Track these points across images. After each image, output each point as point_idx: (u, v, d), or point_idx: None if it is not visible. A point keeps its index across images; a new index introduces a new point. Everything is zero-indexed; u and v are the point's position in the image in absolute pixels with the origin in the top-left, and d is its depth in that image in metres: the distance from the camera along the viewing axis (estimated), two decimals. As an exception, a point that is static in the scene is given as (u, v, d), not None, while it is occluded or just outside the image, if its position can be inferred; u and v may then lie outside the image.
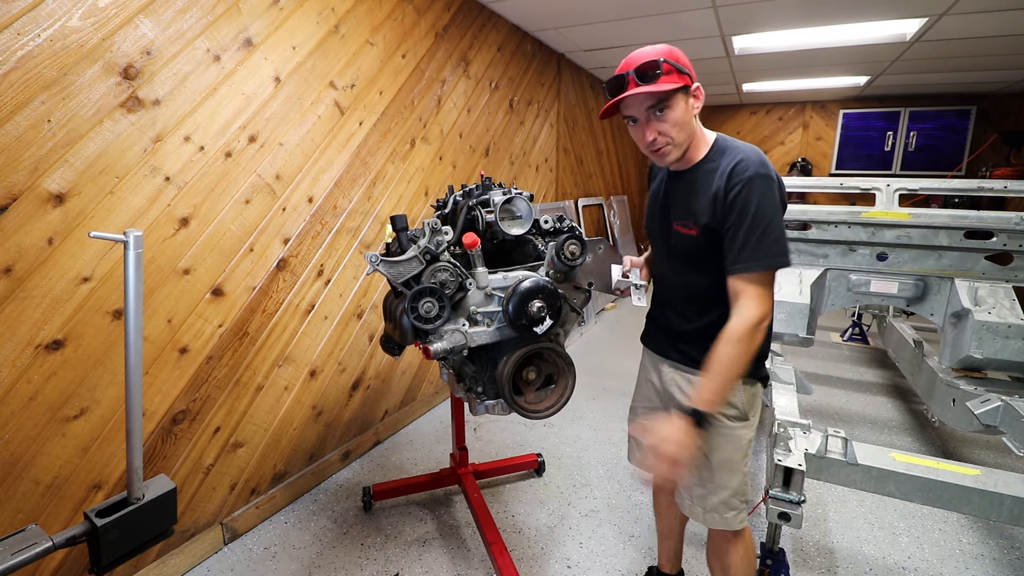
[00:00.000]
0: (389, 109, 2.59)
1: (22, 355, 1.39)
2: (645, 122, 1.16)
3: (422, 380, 3.11)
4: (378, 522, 2.15)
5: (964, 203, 5.03)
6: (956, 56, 4.16)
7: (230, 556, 1.95)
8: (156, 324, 1.69)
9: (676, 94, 1.12)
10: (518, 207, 1.55)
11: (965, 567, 1.93)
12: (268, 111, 1.98)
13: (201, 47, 1.72)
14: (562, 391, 1.49)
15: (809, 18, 3.43)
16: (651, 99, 1.12)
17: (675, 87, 1.11)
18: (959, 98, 5.64)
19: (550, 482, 2.45)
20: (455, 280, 1.39)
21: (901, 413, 3.27)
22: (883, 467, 1.56)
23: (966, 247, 2.39)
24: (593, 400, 3.36)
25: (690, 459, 1.11)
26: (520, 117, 3.94)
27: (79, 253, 1.47)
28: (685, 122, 1.16)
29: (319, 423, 2.39)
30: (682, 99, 1.14)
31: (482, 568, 1.90)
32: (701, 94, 1.19)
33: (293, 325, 2.20)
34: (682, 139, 1.17)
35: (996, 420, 2.07)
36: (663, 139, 1.16)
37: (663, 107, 1.12)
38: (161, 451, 1.76)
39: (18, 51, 1.31)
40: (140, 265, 0.88)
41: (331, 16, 2.20)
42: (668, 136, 1.15)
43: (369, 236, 2.56)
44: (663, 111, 1.13)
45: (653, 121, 1.14)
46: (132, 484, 0.93)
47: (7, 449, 1.38)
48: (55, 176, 1.40)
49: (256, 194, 1.97)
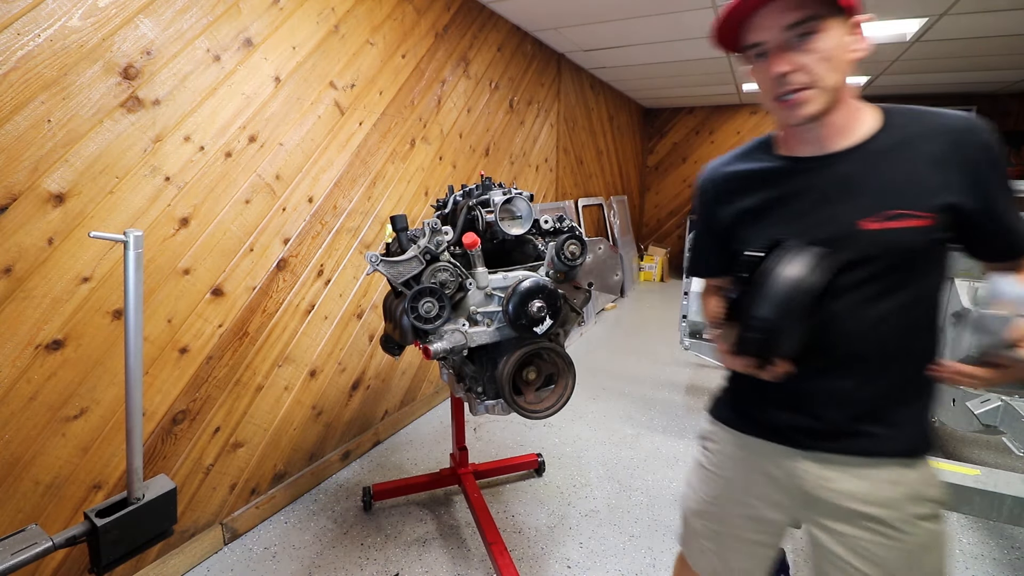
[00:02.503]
0: (389, 109, 2.59)
1: (22, 355, 1.39)
2: (779, 50, 0.78)
3: (422, 380, 3.11)
4: (378, 522, 2.15)
5: (964, 203, 5.02)
6: (956, 56, 4.16)
7: (230, 556, 1.95)
8: (156, 324, 1.69)
9: (833, 17, 0.76)
10: (518, 207, 1.55)
11: (965, 567, 1.93)
12: (268, 111, 1.98)
13: (201, 47, 1.72)
14: (562, 391, 1.49)
15: (809, 18, 3.42)
16: (795, 11, 0.76)
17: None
18: (959, 98, 5.64)
19: (550, 482, 2.45)
20: (455, 280, 1.39)
21: (901, 413, 3.26)
22: (883, 467, 1.55)
23: (966, 247, 2.39)
24: (593, 400, 3.36)
25: None
26: (520, 117, 3.94)
27: (79, 253, 1.47)
28: (839, 60, 0.78)
29: (319, 423, 2.39)
30: (839, 26, 0.77)
31: (482, 568, 1.90)
32: (865, 38, 0.81)
33: (293, 325, 2.20)
34: (831, 83, 0.78)
35: (996, 420, 2.07)
36: (803, 76, 0.77)
37: (812, 29, 0.76)
38: (161, 451, 1.76)
39: (18, 51, 1.31)
40: (140, 265, 0.88)
41: (331, 16, 2.20)
42: (812, 73, 0.77)
43: (369, 236, 2.56)
44: (809, 36, 0.76)
45: (792, 51, 0.77)
46: (132, 484, 0.93)
47: (7, 449, 1.38)
48: (55, 176, 1.40)
49: (256, 194, 1.97)
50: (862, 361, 0.86)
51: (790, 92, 0.79)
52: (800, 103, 0.79)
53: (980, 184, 0.79)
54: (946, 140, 0.80)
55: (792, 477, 0.93)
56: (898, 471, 0.87)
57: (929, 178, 0.80)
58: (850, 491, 0.88)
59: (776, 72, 0.78)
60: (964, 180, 0.79)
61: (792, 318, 0.74)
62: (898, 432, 0.87)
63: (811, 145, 0.87)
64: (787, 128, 0.89)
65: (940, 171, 0.79)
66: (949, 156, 0.79)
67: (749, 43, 0.81)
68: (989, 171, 0.80)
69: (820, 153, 0.86)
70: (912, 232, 0.79)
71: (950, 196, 0.79)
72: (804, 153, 0.88)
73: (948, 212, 0.79)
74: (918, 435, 0.89)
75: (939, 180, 0.79)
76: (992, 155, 0.80)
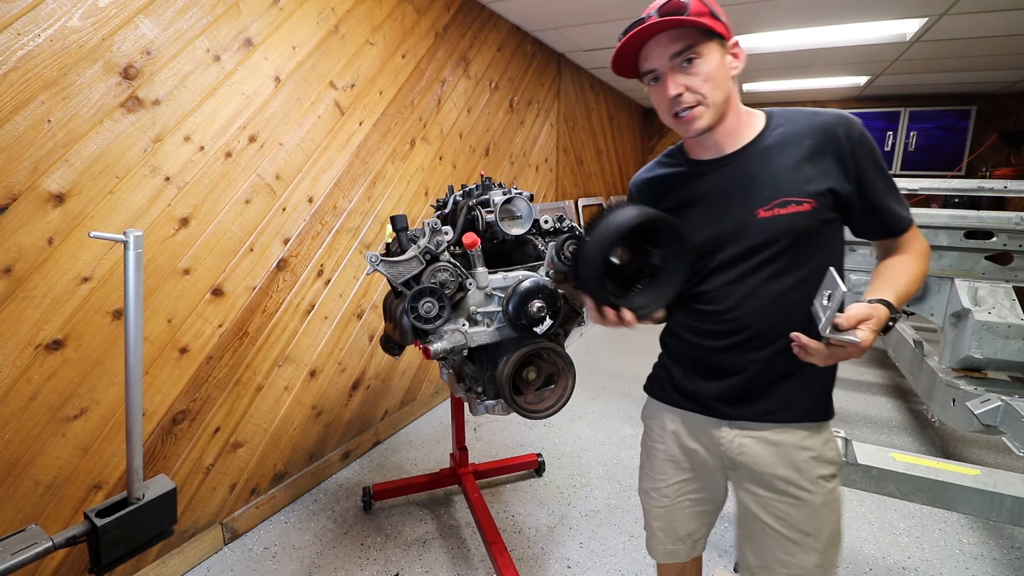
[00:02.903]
0: (389, 109, 2.59)
1: (22, 355, 1.39)
2: (669, 75, 0.91)
3: (422, 380, 3.11)
4: (378, 522, 2.15)
5: (964, 203, 5.02)
6: (956, 56, 4.16)
7: (230, 556, 1.95)
8: (156, 324, 1.69)
9: (709, 41, 0.90)
10: (518, 207, 1.55)
11: (965, 567, 1.93)
12: (268, 111, 1.98)
13: (201, 47, 1.72)
14: (562, 391, 1.49)
15: (809, 18, 3.43)
16: (676, 43, 0.89)
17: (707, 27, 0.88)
18: (959, 98, 5.64)
19: (550, 482, 2.45)
20: (455, 280, 1.39)
21: (901, 413, 3.27)
22: (883, 467, 1.56)
23: (966, 247, 2.39)
24: (593, 400, 3.36)
25: None
26: (520, 117, 3.94)
27: (79, 253, 1.47)
28: (720, 79, 0.91)
29: (319, 423, 2.39)
30: (717, 49, 0.91)
31: (482, 568, 1.90)
32: (742, 54, 0.95)
33: (293, 325, 2.20)
34: (717, 99, 0.91)
35: (996, 420, 2.07)
36: (692, 96, 0.90)
37: (692, 55, 0.89)
38: (161, 451, 1.76)
39: (18, 51, 1.31)
40: (140, 265, 0.88)
41: (331, 16, 2.20)
42: (698, 93, 0.90)
43: (369, 236, 2.56)
44: (692, 61, 0.89)
45: (679, 73, 0.90)
46: (132, 484, 0.93)
47: (7, 449, 1.38)
48: (55, 176, 1.40)
49: (256, 194, 1.97)
50: (770, 333, 0.97)
51: (684, 110, 0.92)
52: (693, 119, 0.93)
53: (853, 170, 0.92)
54: (822, 134, 0.92)
55: (717, 445, 1.06)
56: (803, 436, 1.00)
57: (809, 168, 0.92)
58: (763, 456, 1.01)
59: (669, 95, 0.91)
60: (839, 168, 0.92)
61: (594, 250, 0.91)
62: (802, 399, 1.00)
63: (710, 149, 1.00)
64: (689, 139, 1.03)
65: (818, 161, 0.92)
66: (825, 148, 0.92)
67: (645, 70, 0.95)
68: (861, 159, 0.92)
69: (718, 156, 0.99)
70: (800, 216, 0.91)
71: (828, 182, 0.92)
72: (706, 157, 1.02)
73: (828, 196, 0.92)
74: (820, 402, 1.03)
75: (817, 169, 0.92)
76: (863, 145, 0.92)
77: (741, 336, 0.98)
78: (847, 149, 0.91)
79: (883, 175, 0.94)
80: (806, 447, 0.99)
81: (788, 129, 0.95)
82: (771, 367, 0.98)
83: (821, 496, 0.98)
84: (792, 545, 0.99)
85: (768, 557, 1.02)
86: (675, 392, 1.11)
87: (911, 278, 0.92)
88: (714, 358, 1.02)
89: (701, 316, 1.02)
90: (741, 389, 1.01)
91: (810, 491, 0.98)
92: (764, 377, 0.99)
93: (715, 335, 1.01)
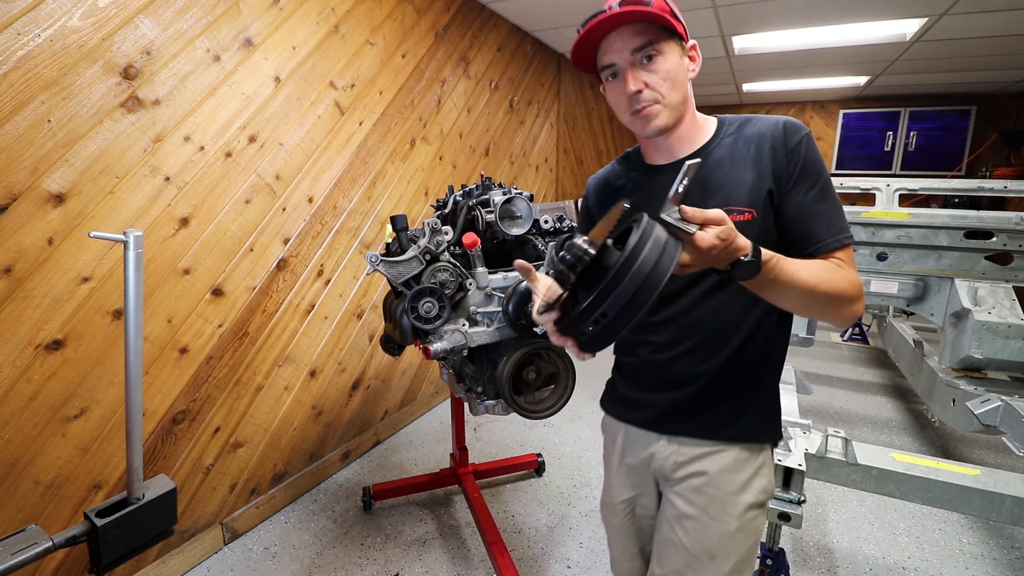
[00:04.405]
0: (389, 109, 2.59)
1: (22, 355, 1.39)
2: (629, 70, 0.89)
3: (422, 380, 3.11)
4: (378, 522, 2.15)
5: (964, 203, 5.03)
6: (956, 56, 4.16)
7: (230, 556, 1.95)
8: (156, 324, 1.69)
9: (669, 40, 0.89)
10: (518, 207, 1.55)
11: (965, 567, 1.93)
12: (268, 111, 1.98)
13: (201, 47, 1.72)
14: (562, 391, 1.49)
15: (809, 18, 3.43)
16: (638, 37, 0.88)
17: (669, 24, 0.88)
18: (959, 98, 5.63)
19: (550, 482, 2.45)
20: (455, 280, 1.39)
21: (901, 413, 3.27)
22: (883, 467, 1.56)
23: (966, 247, 2.39)
24: (593, 400, 3.35)
25: None
26: (520, 117, 3.94)
27: (79, 253, 1.47)
28: (679, 79, 0.90)
29: (319, 423, 2.39)
30: (677, 49, 0.90)
31: (482, 568, 1.90)
32: (698, 57, 0.94)
33: (293, 325, 2.20)
34: (675, 100, 0.91)
35: (996, 420, 2.07)
36: (651, 93, 0.89)
37: (653, 52, 0.88)
38: (161, 451, 1.76)
39: (18, 51, 1.31)
40: (140, 265, 0.88)
41: (331, 16, 2.20)
42: (657, 91, 0.89)
43: (369, 236, 2.56)
44: (652, 58, 0.88)
45: (639, 69, 0.89)
46: (132, 484, 0.93)
47: (7, 449, 1.38)
48: (55, 176, 1.40)
49: (256, 194, 1.97)
50: (715, 343, 0.95)
51: (641, 107, 0.90)
52: (650, 116, 0.91)
53: (787, 175, 0.89)
54: (762, 142, 0.91)
55: (656, 459, 1.03)
56: (739, 458, 0.97)
57: (749, 176, 0.91)
58: (692, 471, 0.98)
59: (629, 90, 0.89)
60: (774, 174, 0.89)
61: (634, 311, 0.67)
62: (744, 418, 0.96)
63: (663, 153, 0.98)
64: (644, 141, 1.01)
65: (757, 169, 0.90)
66: (764, 155, 0.90)
67: (604, 64, 0.92)
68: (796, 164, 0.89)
69: (671, 160, 0.98)
70: (741, 226, 0.81)
71: (765, 189, 0.89)
72: (660, 161, 1.00)
73: (768, 204, 0.90)
74: (762, 424, 0.99)
75: (756, 176, 0.90)
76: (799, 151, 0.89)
77: (685, 346, 0.96)
78: (783, 155, 0.89)
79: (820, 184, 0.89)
80: (738, 469, 0.96)
81: (736, 137, 0.94)
82: (717, 380, 0.96)
83: (738, 522, 0.95)
84: (696, 563, 0.96)
85: (670, 570, 0.99)
86: (620, 405, 1.11)
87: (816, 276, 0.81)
88: (660, 369, 1.01)
89: (647, 326, 1.01)
90: (684, 403, 0.98)
91: (728, 514, 0.95)
92: (709, 391, 0.96)
93: (660, 346, 0.99)
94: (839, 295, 0.83)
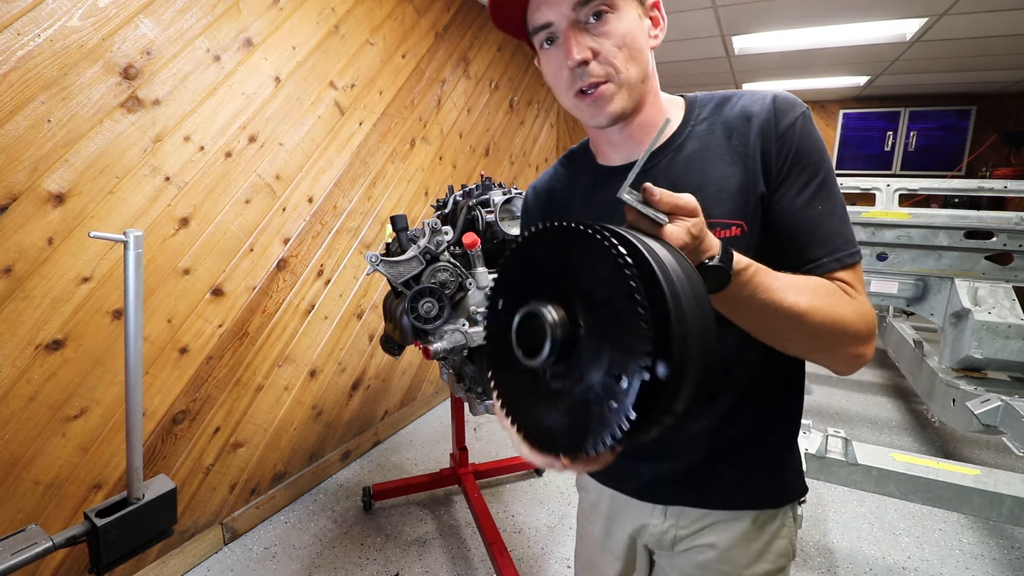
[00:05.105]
0: (389, 109, 2.59)
1: (22, 355, 1.39)
2: (571, 32, 0.63)
3: (422, 380, 3.11)
4: (378, 522, 2.15)
5: (964, 203, 5.03)
6: (956, 56, 4.16)
7: (230, 556, 1.95)
8: (156, 324, 1.69)
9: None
10: (518, 207, 1.55)
11: (965, 567, 1.93)
12: (268, 111, 1.98)
13: (201, 47, 1.72)
14: (562, 391, 1.49)
15: (809, 18, 3.43)
16: None
17: None
18: (959, 98, 5.63)
19: (550, 482, 2.45)
20: (455, 280, 1.39)
21: (901, 413, 3.27)
22: (883, 467, 1.56)
23: (966, 247, 2.39)
24: (593, 400, 3.36)
25: None
26: (520, 117, 3.94)
27: (79, 253, 1.47)
28: (638, 47, 0.65)
29: (319, 423, 2.39)
30: (634, 6, 0.65)
31: (482, 568, 1.90)
32: (662, 19, 0.69)
33: (293, 325, 2.20)
34: (632, 75, 0.65)
35: (996, 420, 2.07)
36: (600, 67, 0.64)
37: (602, 7, 0.62)
38: (161, 451, 1.76)
39: (18, 51, 1.31)
40: (140, 265, 0.88)
41: (331, 16, 2.20)
42: (609, 64, 0.64)
43: (369, 236, 2.56)
44: (602, 15, 0.63)
45: (583, 32, 0.63)
46: (132, 484, 0.93)
47: (7, 449, 1.38)
48: (55, 176, 1.40)
49: (256, 194, 1.97)
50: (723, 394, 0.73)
51: (589, 84, 0.65)
52: (602, 98, 0.65)
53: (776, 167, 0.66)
54: (747, 127, 0.67)
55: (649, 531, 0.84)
56: (754, 525, 0.78)
57: (732, 176, 0.67)
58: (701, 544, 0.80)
59: (571, 60, 0.63)
60: (764, 169, 0.66)
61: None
62: (756, 478, 0.77)
63: (621, 149, 0.74)
64: (595, 133, 0.76)
65: (743, 165, 0.67)
66: (751, 145, 0.67)
67: (537, 25, 0.66)
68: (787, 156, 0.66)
69: (631, 160, 0.73)
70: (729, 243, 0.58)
71: (755, 192, 0.66)
72: (616, 161, 0.75)
73: (758, 213, 0.67)
74: (779, 482, 0.79)
75: (742, 175, 0.67)
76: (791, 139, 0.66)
77: None
78: (773, 142, 0.66)
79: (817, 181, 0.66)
80: (753, 539, 0.77)
81: (712, 122, 0.70)
82: (720, 436, 0.75)
83: None
84: None
85: None
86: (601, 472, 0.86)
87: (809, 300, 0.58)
88: None
89: None
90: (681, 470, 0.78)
91: None
92: (711, 451, 0.76)
93: None
94: (839, 329, 0.60)
